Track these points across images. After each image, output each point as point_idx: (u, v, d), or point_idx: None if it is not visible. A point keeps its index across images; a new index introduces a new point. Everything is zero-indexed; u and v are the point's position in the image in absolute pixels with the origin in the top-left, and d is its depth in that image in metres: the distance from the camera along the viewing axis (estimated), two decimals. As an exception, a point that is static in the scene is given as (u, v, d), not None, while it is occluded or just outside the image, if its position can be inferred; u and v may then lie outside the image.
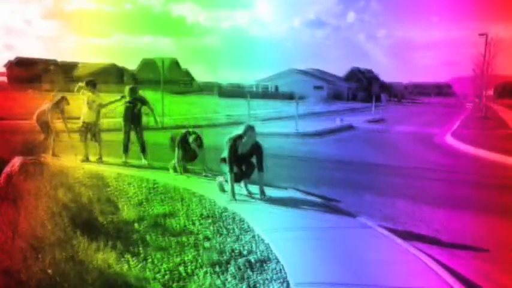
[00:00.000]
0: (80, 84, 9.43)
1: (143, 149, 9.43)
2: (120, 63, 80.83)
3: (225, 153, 6.49)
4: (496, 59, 32.90)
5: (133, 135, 9.51)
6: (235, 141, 6.42)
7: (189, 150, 7.99)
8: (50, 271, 3.39)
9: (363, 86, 74.71)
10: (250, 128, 6.41)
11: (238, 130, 6.51)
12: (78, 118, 9.61)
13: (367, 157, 12.44)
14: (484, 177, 9.70)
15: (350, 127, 21.85)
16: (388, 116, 32.19)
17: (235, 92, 62.13)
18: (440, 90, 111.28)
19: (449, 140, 16.48)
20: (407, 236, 5.16)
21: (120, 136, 9.56)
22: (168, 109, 20.63)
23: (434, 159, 12.35)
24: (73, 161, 8.95)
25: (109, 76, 69.01)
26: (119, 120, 9.87)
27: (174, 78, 69.04)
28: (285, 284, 3.64)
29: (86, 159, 9.23)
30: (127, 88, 9.59)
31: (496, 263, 4.60)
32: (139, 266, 3.81)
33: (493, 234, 5.70)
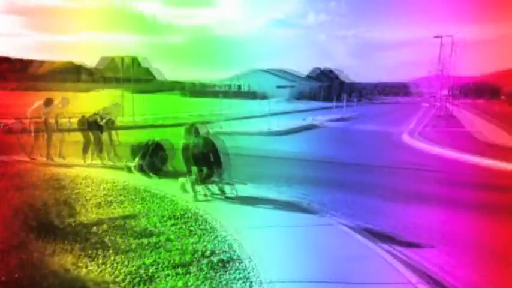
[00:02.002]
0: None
1: (100, 150, 9.33)
2: (87, 62, 78.61)
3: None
4: (459, 60, 34.12)
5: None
6: (185, 144, 6.48)
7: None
8: (3, 278, 3.24)
9: (327, 86, 75.66)
10: (186, 131, 6.59)
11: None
12: None
13: (335, 155, 12.61)
14: (446, 174, 9.98)
15: (315, 126, 22.05)
16: (355, 114, 32.66)
17: (199, 91, 62.30)
18: (407, 89, 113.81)
19: (414, 138, 16.78)
20: (375, 233, 5.23)
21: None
22: (136, 108, 20.42)
23: (400, 158, 12.61)
24: (30, 161, 8.64)
25: (66, 74, 66.93)
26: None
27: (134, 76, 67.72)
28: (247, 283, 3.64)
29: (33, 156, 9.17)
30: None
31: (456, 256, 4.75)
32: (98, 269, 3.71)
33: (453, 229, 5.86)
